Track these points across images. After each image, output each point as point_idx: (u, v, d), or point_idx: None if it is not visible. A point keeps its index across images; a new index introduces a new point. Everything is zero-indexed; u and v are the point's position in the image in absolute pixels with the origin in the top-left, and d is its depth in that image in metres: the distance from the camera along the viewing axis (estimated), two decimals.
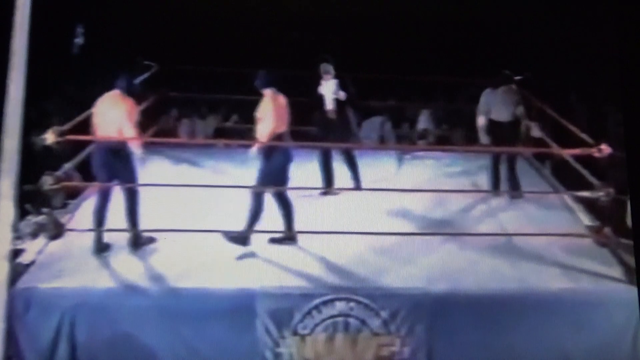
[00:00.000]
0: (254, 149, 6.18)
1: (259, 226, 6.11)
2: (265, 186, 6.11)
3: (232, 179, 6.85)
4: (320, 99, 7.21)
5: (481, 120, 7.37)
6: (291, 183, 6.27)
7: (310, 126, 7.54)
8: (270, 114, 6.14)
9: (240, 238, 6.04)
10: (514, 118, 7.33)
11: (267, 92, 6.21)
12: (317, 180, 7.12)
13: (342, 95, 7.16)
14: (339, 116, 7.22)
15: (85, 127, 6.25)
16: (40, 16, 5.64)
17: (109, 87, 6.20)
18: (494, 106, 7.32)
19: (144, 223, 6.14)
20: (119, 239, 6.09)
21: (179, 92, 8.92)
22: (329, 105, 7.19)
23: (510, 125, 7.31)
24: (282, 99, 6.27)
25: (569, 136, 7.47)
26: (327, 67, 7.15)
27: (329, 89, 7.18)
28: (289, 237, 6.21)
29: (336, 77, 7.15)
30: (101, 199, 6.09)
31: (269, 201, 6.15)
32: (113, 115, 6.02)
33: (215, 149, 8.32)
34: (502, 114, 7.30)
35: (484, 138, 7.38)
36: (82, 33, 8.53)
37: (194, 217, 6.30)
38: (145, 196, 6.16)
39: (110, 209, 6.09)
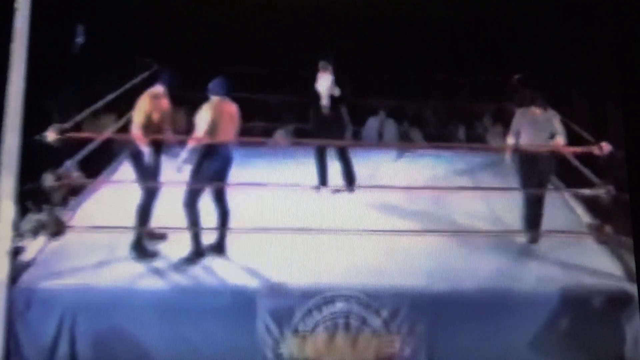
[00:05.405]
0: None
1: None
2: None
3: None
4: (316, 95, 7.25)
5: (511, 141, 6.68)
6: (285, 180, 6.28)
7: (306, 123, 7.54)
8: (205, 121, 6.04)
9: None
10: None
11: (215, 99, 6.13)
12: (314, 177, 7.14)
13: (336, 91, 7.20)
14: (333, 112, 7.26)
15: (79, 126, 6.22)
16: (40, 16, 5.64)
17: (109, 87, 6.18)
18: (524, 128, 6.61)
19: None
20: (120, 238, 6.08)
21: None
22: (324, 101, 7.23)
23: (544, 158, 6.59)
24: (230, 108, 6.17)
25: (569, 134, 7.47)
26: (325, 64, 7.20)
27: (324, 85, 7.22)
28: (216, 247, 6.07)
29: (334, 74, 7.18)
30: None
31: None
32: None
33: None
34: (531, 138, 6.58)
35: (509, 162, 6.68)
36: (82, 33, 8.53)
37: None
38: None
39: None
